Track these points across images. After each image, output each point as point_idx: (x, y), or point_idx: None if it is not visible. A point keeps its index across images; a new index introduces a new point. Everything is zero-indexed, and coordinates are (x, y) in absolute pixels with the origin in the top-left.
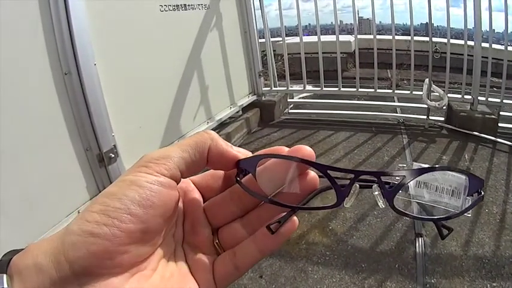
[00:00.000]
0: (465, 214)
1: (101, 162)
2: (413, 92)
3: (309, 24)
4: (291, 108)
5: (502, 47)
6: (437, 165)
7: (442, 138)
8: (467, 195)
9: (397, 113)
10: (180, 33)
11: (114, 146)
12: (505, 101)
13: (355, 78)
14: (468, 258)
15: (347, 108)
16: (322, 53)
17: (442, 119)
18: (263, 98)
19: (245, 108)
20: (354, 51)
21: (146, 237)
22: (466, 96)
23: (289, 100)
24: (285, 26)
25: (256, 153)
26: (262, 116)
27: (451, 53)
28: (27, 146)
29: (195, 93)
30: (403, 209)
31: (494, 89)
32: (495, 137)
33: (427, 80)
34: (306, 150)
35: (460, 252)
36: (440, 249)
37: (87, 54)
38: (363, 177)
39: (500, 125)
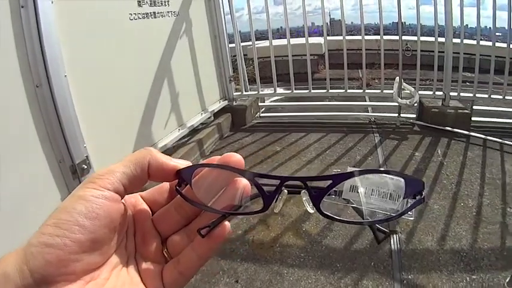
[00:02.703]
0: (407, 217)
1: (74, 174)
2: (384, 91)
3: (281, 27)
4: (262, 112)
5: (475, 42)
6: (368, 168)
7: (414, 135)
8: (408, 198)
9: (368, 112)
10: (150, 41)
11: (87, 157)
12: (477, 95)
13: (326, 79)
14: (445, 253)
15: (318, 109)
16: (293, 55)
17: (414, 116)
18: (234, 103)
19: (216, 114)
20: (325, 52)
21: (95, 246)
22: (437, 93)
23: (260, 104)
24: (257, 30)
25: (193, 164)
26: (233, 121)
27: (423, 51)
28: (0, 160)
29: (166, 101)
30: (333, 214)
31: (467, 83)
32: (468, 131)
33: (397, 78)
34: (235, 158)
35: (436, 247)
36: (415, 245)
37: (57, 66)
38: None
39: (473, 119)
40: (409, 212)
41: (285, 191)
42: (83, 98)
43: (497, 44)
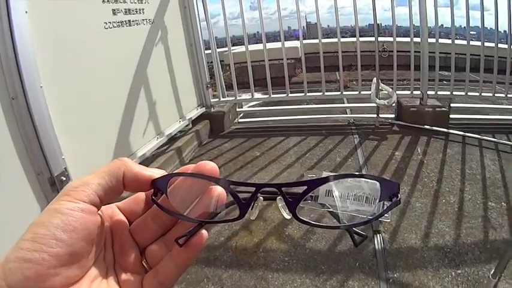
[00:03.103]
0: (384, 219)
1: (53, 186)
2: (362, 92)
3: (258, 32)
4: (240, 118)
5: (450, 41)
6: (342, 173)
7: (393, 134)
8: (384, 200)
9: (347, 114)
10: (126, 50)
11: (65, 168)
12: (454, 92)
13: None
14: (429, 250)
15: (297, 113)
16: (270, 60)
17: (393, 116)
18: (212, 110)
19: (195, 121)
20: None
21: (74, 259)
22: (415, 92)
23: (238, 110)
24: (234, 36)
25: (169, 173)
26: (212, 128)
27: (400, 51)
28: None
29: (144, 110)
30: (311, 219)
31: (444, 82)
32: (447, 129)
33: (374, 79)
34: (210, 166)
35: (420, 244)
36: (400, 244)
37: (33, 77)
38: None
39: (451, 116)
40: (385, 214)
41: (261, 198)
42: (60, 109)
43: (471, 43)
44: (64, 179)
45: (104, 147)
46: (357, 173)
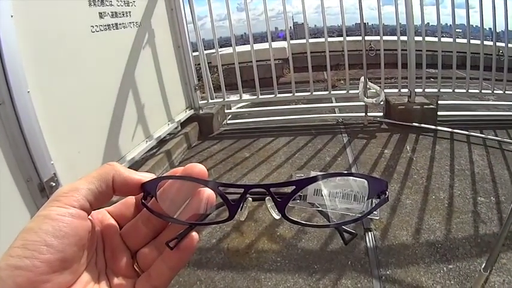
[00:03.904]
0: (373, 217)
1: (42, 192)
2: (350, 91)
3: (245, 33)
4: (229, 119)
5: (436, 39)
6: (330, 172)
7: (382, 132)
8: (373, 198)
9: (335, 113)
10: (113, 53)
11: (55, 174)
12: (442, 90)
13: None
14: (421, 246)
15: (285, 113)
16: (258, 60)
17: (381, 114)
18: (201, 112)
19: (183, 123)
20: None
21: (65, 265)
22: (402, 90)
23: (226, 111)
24: (221, 37)
25: (157, 176)
26: (201, 130)
27: (387, 50)
28: None
29: (132, 113)
30: (300, 218)
31: (432, 79)
32: (435, 126)
33: (362, 78)
34: (198, 169)
35: (411, 241)
36: (391, 241)
37: (19, 82)
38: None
39: (439, 113)
40: (374, 212)
41: (250, 198)
42: (48, 114)
43: (457, 40)
44: (54, 184)
45: (93, 152)
46: (345, 172)
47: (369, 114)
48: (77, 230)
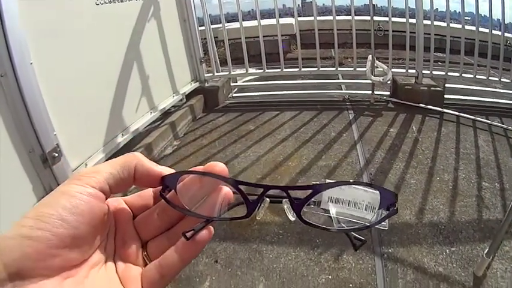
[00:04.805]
0: (381, 227)
1: (45, 163)
2: (357, 69)
3: (252, 9)
4: (235, 93)
5: (445, 24)
6: (346, 181)
7: (388, 111)
8: (382, 209)
9: (342, 90)
10: (118, 26)
11: (57, 144)
12: (449, 73)
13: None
14: (424, 226)
15: (291, 88)
16: (265, 36)
17: (388, 93)
18: (206, 84)
19: (189, 96)
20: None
21: (76, 243)
22: (410, 71)
23: (232, 84)
24: (228, 13)
25: (178, 171)
26: (206, 102)
27: (395, 31)
28: None
29: (136, 85)
30: (313, 221)
31: (439, 63)
32: (442, 108)
33: (370, 56)
34: (219, 167)
35: (415, 220)
36: (394, 219)
37: (22, 54)
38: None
39: (446, 96)
40: (382, 222)
41: (267, 199)
42: (51, 85)
43: (466, 27)
44: (56, 155)
45: (96, 123)
46: (361, 182)
47: (375, 92)
48: (93, 210)
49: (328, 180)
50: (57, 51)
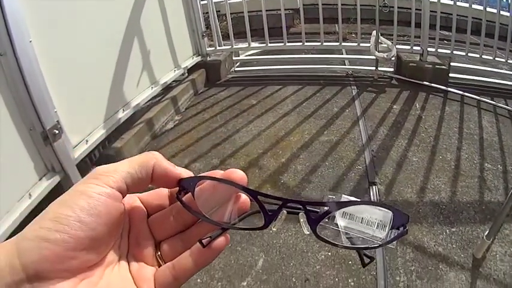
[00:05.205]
0: (389, 246)
1: (45, 140)
2: (361, 44)
3: None
4: (237, 67)
5: (452, 2)
6: (362, 200)
7: (392, 88)
8: (393, 228)
9: (345, 65)
10: (119, 0)
11: (58, 121)
12: (455, 52)
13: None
14: (425, 205)
15: (294, 62)
16: (268, 10)
17: (392, 70)
18: (208, 58)
19: (190, 70)
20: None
21: (94, 244)
22: (415, 48)
23: (234, 58)
24: None
25: (197, 175)
26: (208, 77)
27: (401, 7)
28: None
29: (137, 60)
30: (327, 237)
31: (445, 41)
32: (446, 87)
33: (374, 32)
34: (239, 175)
35: (416, 199)
36: (395, 197)
37: (21, 32)
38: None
39: (451, 75)
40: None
41: (285, 212)
42: (50, 63)
43: (473, 6)
44: (57, 132)
45: (97, 99)
46: (375, 202)
47: (379, 68)
48: (110, 210)
49: (344, 197)
50: (57, 29)
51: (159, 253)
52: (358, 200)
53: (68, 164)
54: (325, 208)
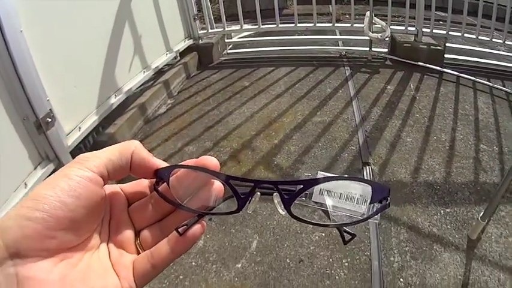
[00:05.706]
0: (373, 220)
1: (39, 129)
2: (355, 25)
3: None
4: (229, 49)
5: None
6: (337, 175)
7: (386, 69)
8: (375, 203)
9: (339, 46)
10: None
11: (50, 110)
12: (450, 32)
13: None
14: (419, 185)
15: (287, 44)
16: None
17: (386, 50)
18: (200, 41)
19: (182, 53)
20: None
21: (73, 226)
22: (409, 28)
23: (227, 40)
24: None
25: (172, 165)
26: (200, 59)
27: None
28: None
29: (128, 44)
30: (304, 216)
31: (440, 22)
32: (441, 68)
33: (368, 12)
34: (211, 161)
35: (409, 179)
36: (389, 177)
37: (12, 22)
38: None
39: (446, 56)
40: (375, 216)
41: (258, 193)
42: (42, 51)
43: None
44: (50, 120)
45: (89, 85)
46: (351, 176)
47: (373, 49)
48: (91, 193)
49: (320, 173)
50: (47, 16)
51: (138, 241)
52: (333, 175)
53: (62, 151)
54: (299, 186)
